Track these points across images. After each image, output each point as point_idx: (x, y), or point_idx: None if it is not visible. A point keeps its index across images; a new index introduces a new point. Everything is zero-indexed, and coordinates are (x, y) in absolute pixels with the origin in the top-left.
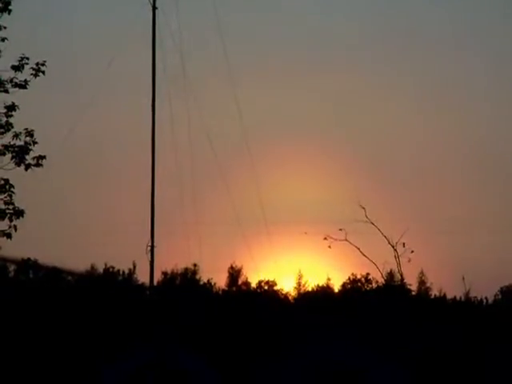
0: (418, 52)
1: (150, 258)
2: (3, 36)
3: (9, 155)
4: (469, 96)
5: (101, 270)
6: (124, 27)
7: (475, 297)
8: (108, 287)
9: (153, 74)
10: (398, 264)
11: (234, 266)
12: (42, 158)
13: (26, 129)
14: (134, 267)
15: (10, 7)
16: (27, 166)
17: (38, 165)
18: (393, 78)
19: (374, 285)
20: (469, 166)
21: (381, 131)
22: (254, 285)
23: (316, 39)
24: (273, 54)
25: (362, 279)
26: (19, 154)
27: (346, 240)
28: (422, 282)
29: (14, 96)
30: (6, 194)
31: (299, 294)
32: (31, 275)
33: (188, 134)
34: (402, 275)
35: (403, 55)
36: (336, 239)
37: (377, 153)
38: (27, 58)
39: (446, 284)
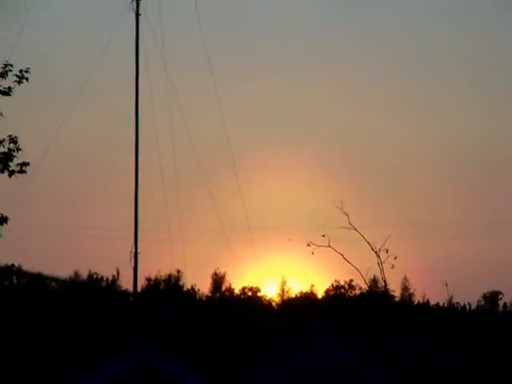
0: (395, 52)
1: (133, 265)
2: None
3: None
4: (451, 99)
5: (85, 276)
6: (107, 33)
7: (458, 302)
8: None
9: (136, 81)
10: (382, 270)
11: (217, 272)
12: (26, 164)
13: (10, 135)
14: (118, 274)
15: None
16: (11, 173)
17: (21, 171)
18: (375, 82)
19: (358, 291)
20: (451, 173)
21: (364, 136)
22: (237, 291)
23: (300, 40)
24: (256, 56)
25: (346, 286)
26: (3, 161)
27: (330, 246)
28: (405, 288)
29: None
30: None
31: (283, 300)
32: (15, 281)
33: (172, 140)
34: (385, 281)
35: (386, 56)
36: (319, 245)
37: (360, 158)
38: (11, 65)
39: (429, 290)
